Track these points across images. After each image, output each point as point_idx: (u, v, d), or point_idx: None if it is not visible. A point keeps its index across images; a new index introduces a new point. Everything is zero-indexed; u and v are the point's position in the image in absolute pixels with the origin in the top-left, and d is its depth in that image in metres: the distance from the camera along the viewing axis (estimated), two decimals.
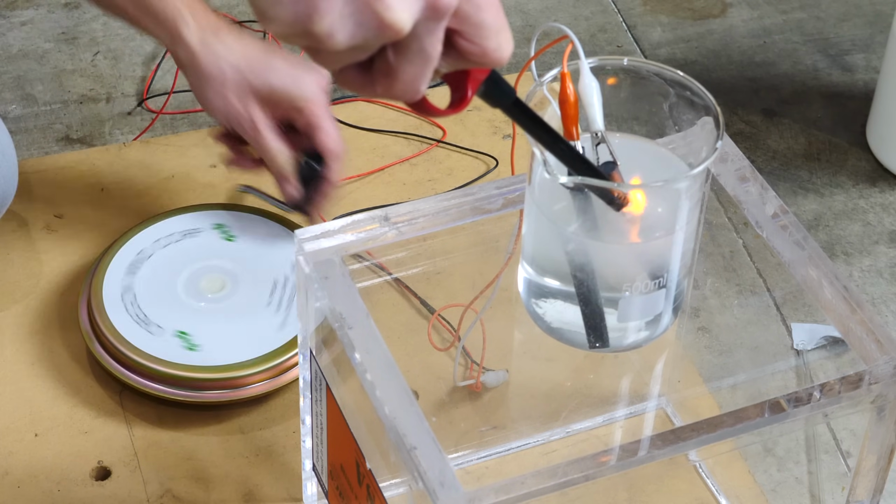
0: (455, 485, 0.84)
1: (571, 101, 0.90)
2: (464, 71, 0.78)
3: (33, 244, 1.32)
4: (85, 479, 1.15)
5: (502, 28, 0.75)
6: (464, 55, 0.75)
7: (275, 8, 0.70)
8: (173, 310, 1.23)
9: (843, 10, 1.70)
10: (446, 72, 0.77)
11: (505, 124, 1.45)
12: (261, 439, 1.19)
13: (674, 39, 1.65)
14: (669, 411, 1.19)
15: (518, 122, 0.84)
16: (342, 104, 1.47)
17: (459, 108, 0.79)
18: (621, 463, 0.87)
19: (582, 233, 0.90)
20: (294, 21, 0.70)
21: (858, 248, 1.42)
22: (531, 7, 1.68)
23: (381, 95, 0.75)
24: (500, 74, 0.80)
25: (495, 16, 0.74)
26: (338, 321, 0.92)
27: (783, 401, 0.90)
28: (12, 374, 1.22)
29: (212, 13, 1.21)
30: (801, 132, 1.54)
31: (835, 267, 0.96)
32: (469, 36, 0.74)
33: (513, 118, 0.84)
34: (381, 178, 1.40)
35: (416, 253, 1.02)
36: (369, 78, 0.75)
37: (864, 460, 0.97)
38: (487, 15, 0.74)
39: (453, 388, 1.18)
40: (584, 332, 0.93)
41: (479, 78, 0.79)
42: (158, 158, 1.40)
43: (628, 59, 0.93)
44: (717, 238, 1.40)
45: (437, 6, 0.71)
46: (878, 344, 0.93)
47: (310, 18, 0.70)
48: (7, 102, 1.50)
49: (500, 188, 1.00)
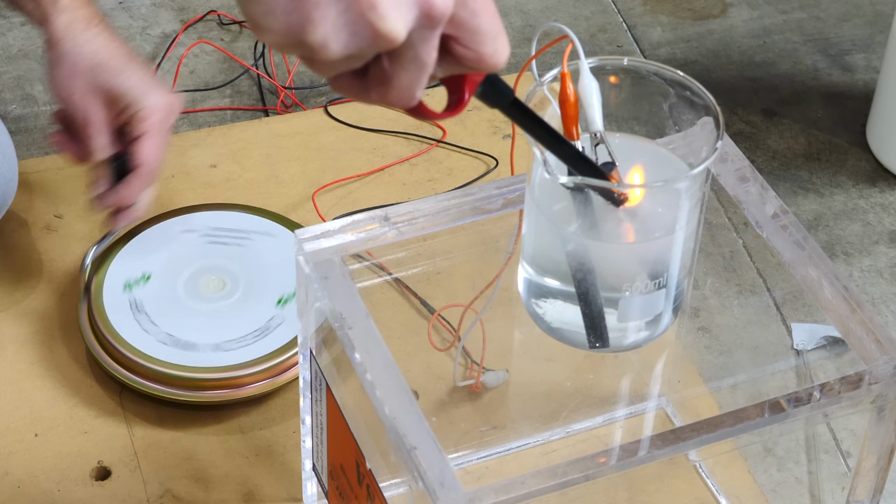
0: (455, 485, 0.84)
1: (571, 101, 0.90)
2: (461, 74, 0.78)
3: (33, 244, 1.32)
4: (85, 479, 1.15)
5: (498, 33, 0.74)
6: (460, 61, 0.75)
7: (267, 18, 0.69)
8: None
9: (843, 10, 1.70)
10: (442, 76, 0.77)
11: (505, 124, 1.45)
12: (261, 439, 1.19)
13: (674, 39, 1.65)
14: (669, 411, 1.19)
15: (517, 122, 0.84)
16: (342, 104, 1.47)
17: (456, 111, 0.79)
18: (621, 463, 0.87)
19: (582, 233, 0.90)
20: (287, 31, 0.70)
21: (858, 248, 1.42)
22: (531, 7, 1.68)
23: (377, 102, 0.75)
24: (497, 75, 0.80)
25: (491, 21, 0.74)
26: (338, 321, 0.92)
27: (783, 401, 0.90)
28: (12, 374, 1.22)
29: (91, 5, 1.23)
30: (801, 132, 1.54)
31: (835, 267, 0.96)
32: (465, 42, 0.74)
33: (511, 118, 0.84)
34: (381, 178, 1.40)
35: (416, 253, 1.02)
36: (364, 84, 0.74)
37: (864, 460, 0.97)
38: (483, 20, 0.73)
39: (453, 388, 1.18)
40: (584, 332, 0.93)
41: (476, 80, 0.78)
42: None
43: (628, 59, 0.93)
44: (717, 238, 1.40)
45: (431, 14, 0.71)
46: (878, 344, 0.93)
47: (303, 29, 0.69)
48: (7, 102, 1.50)
49: (500, 188, 1.00)
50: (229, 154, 1.42)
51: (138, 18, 1.62)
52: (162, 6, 1.64)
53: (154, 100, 1.20)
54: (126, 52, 1.22)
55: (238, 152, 1.42)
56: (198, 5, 1.64)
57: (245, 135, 1.44)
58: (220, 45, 1.59)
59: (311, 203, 1.36)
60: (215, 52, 1.58)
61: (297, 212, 1.35)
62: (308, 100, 1.53)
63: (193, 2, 1.65)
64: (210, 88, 1.54)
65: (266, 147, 1.43)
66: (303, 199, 1.37)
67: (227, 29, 1.61)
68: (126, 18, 1.62)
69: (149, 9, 1.64)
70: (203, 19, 1.62)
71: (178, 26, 1.61)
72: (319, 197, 1.37)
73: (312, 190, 1.37)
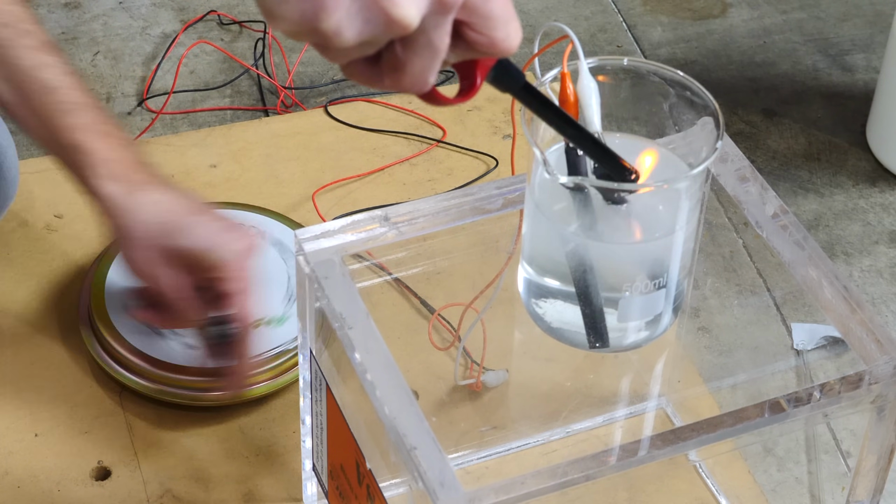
0: (455, 485, 0.84)
1: (571, 101, 0.90)
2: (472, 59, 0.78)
3: (33, 244, 1.32)
4: (85, 479, 1.15)
5: (511, 18, 0.74)
6: (472, 46, 0.75)
7: (281, 6, 0.70)
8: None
9: (843, 10, 1.70)
10: (455, 62, 0.77)
11: (505, 124, 1.45)
12: (261, 439, 1.18)
13: (674, 39, 1.65)
14: (669, 411, 1.19)
15: (528, 107, 0.84)
16: (342, 104, 1.47)
17: (469, 96, 0.79)
18: (621, 463, 0.87)
19: (582, 233, 0.90)
20: (301, 19, 0.70)
21: (858, 248, 1.42)
22: (531, 7, 1.68)
23: (390, 88, 0.75)
24: (509, 60, 0.80)
25: (503, 6, 0.74)
26: (338, 321, 0.92)
27: (783, 401, 0.90)
28: (12, 374, 1.22)
29: (139, 163, 1.13)
30: (801, 132, 1.54)
31: (835, 267, 0.96)
32: (477, 27, 0.74)
33: (523, 103, 0.83)
34: (381, 178, 1.40)
35: (416, 253, 1.02)
36: (377, 71, 0.74)
37: (864, 460, 0.97)
38: (495, 5, 0.74)
39: (453, 388, 1.18)
40: (584, 332, 0.93)
41: (487, 65, 0.78)
42: (158, 158, 1.40)
43: (628, 59, 0.93)
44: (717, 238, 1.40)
45: (444, 0, 0.71)
46: (878, 344, 0.93)
47: (317, 16, 0.69)
48: None
49: (500, 188, 1.00)
50: (229, 154, 1.42)
51: (138, 18, 1.62)
52: (162, 6, 1.64)
53: (232, 250, 1.11)
54: (191, 204, 1.12)
55: (238, 152, 1.42)
56: (198, 5, 1.64)
57: (245, 135, 1.44)
58: (220, 45, 1.59)
59: (312, 203, 1.36)
60: (215, 52, 1.58)
61: (297, 212, 1.35)
62: (308, 100, 1.53)
63: (193, 2, 1.65)
64: (210, 88, 1.54)
65: (266, 147, 1.43)
66: (303, 199, 1.37)
67: (227, 29, 1.61)
68: (126, 18, 1.62)
69: (149, 9, 1.64)
70: (203, 19, 1.62)
71: (178, 26, 1.61)
72: (319, 197, 1.37)
73: (312, 190, 1.37)
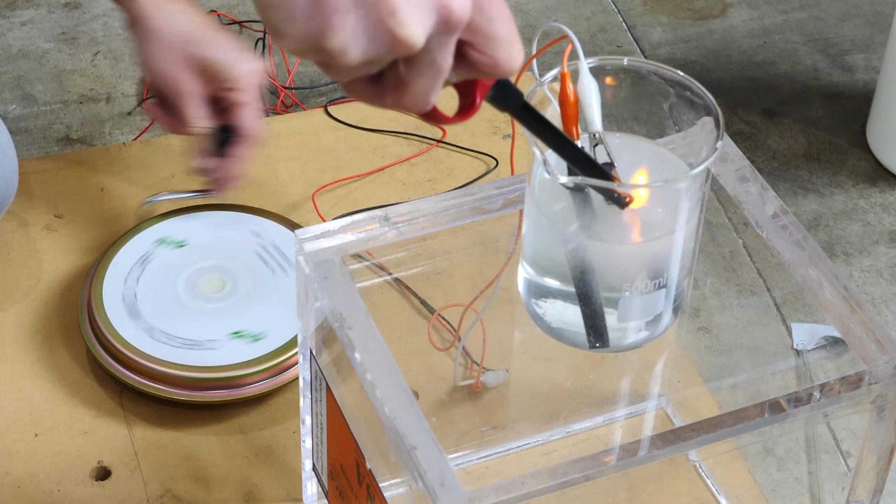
0: (455, 485, 0.84)
1: (571, 102, 0.90)
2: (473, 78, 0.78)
3: (33, 244, 1.32)
4: (85, 479, 1.15)
5: (513, 39, 0.75)
6: (475, 66, 0.75)
7: (287, 24, 0.69)
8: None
9: (843, 10, 1.70)
10: (456, 81, 0.77)
11: (505, 124, 1.45)
12: (261, 439, 1.19)
13: (674, 39, 1.65)
14: (669, 411, 1.19)
15: (526, 126, 0.84)
16: (342, 104, 1.47)
17: (468, 116, 0.79)
18: (621, 463, 0.87)
19: (582, 233, 0.90)
20: (307, 38, 0.70)
21: (858, 248, 1.42)
22: (531, 7, 1.68)
23: (391, 107, 0.75)
24: (509, 80, 0.80)
25: (507, 27, 0.74)
26: (338, 321, 0.92)
27: (783, 401, 0.90)
28: (12, 374, 1.22)
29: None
30: (801, 132, 1.54)
31: (835, 267, 0.96)
32: (480, 47, 0.74)
33: (521, 122, 0.83)
34: (381, 178, 1.40)
35: (416, 253, 1.02)
36: (379, 89, 0.74)
37: (864, 460, 0.97)
38: (499, 26, 0.74)
39: (453, 388, 1.18)
40: (584, 332, 0.93)
41: (487, 85, 0.78)
42: (158, 158, 1.40)
43: (628, 59, 0.93)
44: (717, 238, 1.40)
45: (449, 20, 0.71)
46: (878, 344, 0.93)
47: (323, 35, 0.69)
48: (7, 102, 1.50)
49: (500, 188, 1.00)
50: None
51: None
52: None
53: (246, 67, 1.22)
54: (210, 23, 1.23)
55: None
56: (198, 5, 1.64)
57: None
58: None
59: (312, 203, 1.36)
60: None
61: (297, 212, 1.35)
62: (308, 100, 1.53)
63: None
64: None
65: (266, 147, 1.43)
66: (303, 199, 1.37)
67: (227, 29, 1.61)
68: None
69: None
70: None
71: None
72: (319, 197, 1.37)
73: (312, 190, 1.37)
